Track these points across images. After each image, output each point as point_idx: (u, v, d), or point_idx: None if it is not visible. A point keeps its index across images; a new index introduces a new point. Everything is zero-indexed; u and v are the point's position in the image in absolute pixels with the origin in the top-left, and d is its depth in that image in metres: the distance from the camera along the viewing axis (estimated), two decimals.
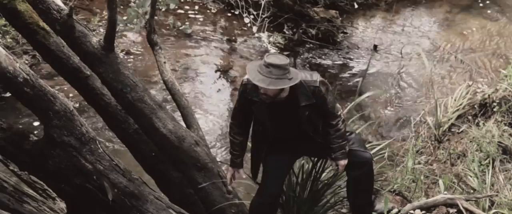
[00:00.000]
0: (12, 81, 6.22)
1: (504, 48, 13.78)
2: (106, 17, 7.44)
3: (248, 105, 6.51)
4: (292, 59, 13.43)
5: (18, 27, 6.80)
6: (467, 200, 7.19)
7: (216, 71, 13.17)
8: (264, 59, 6.05)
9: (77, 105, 10.80)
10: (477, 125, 9.53)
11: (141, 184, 7.34)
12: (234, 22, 14.80)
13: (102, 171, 6.94)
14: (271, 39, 14.17)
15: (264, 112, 6.43)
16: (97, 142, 7.00)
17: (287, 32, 14.41)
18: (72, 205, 7.28)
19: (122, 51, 13.00)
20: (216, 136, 11.16)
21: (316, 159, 7.41)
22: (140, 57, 13.15)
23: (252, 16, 14.71)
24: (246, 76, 6.31)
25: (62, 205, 7.68)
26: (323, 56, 13.77)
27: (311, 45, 14.10)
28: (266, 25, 14.44)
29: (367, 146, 7.68)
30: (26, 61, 11.97)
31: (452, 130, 9.90)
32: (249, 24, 14.60)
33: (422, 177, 8.61)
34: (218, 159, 8.28)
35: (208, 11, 15.09)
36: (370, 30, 14.99)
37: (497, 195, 8.18)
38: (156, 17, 8.26)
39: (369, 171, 6.84)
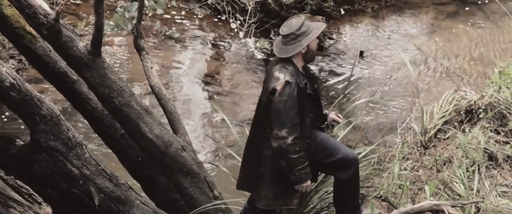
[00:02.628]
0: None
1: (490, 54, 13.82)
2: (92, 22, 7.44)
3: (302, 97, 6.37)
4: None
5: (4, 31, 6.79)
6: (453, 206, 7.22)
7: (203, 76, 13.17)
8: (296, 26, 6.41)
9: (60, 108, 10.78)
10: (463, 131, 9.53)
11: (127, 189, 7.33)
12: (221, 27, 14.81)
13: (88, 175, 6.94)
14: (257, 44, 14.18)
15: (312, 88, 6.51)
16: (84, 146, 6.99)
17: (273, 37, 14.40)
18: (58, 209, 7.26)
19: (109, 56, 12.98)
20: (203, 141, 11.14)
21: None
22: (126, 62, 13.13)
23: (238, 22, 14.72)
24: (281, 80, 6.27)
25: (48, 209, 7.63)
26: None
27: None
28: (253, 30, 14.46)
29: None
30: (13, 66, 11.94)
31: (438, 136, 9.91)
32: (235, 30, 14.61)
33: (408, 183, 8.61)
34: (204, 165, 8.27)
35: (195, 16, 15.08)
36: (357, 36, 15.01)
37: (483, 201, 8.19)
38: (143, 22, 8.25)
39: (356, 172, 6.83)
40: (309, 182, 6.56)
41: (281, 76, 6.28)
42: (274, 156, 6.46)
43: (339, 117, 6.80)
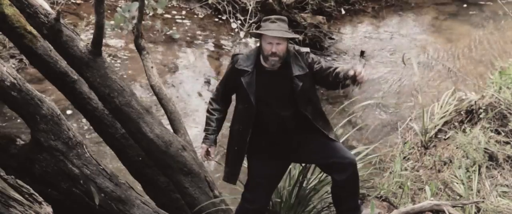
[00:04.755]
0: None
1: (490, 55, 13.81)
2: (93, 21, 7.43)
3: (236, 78, 6.48)
4: None
5: (5, 31, 6.77)
6: (453, 206, 7.21)
7: (203, 76, 13.16)
8: (268, 19, 6.39)
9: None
10: (464, 131, 9.54)
11: (128, 189, 7.33)
12: (222, 27, 14.80)
13: (89, 175, 6.93)
14: (258, 44, 14.15)
15: (253, 84, 6.43)
16: (84, 146, 6.99)
17: None
18: (59, 209, 7.25)
19: (109, 55, 12.98)
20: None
21: (303, 164, 7.41)
22: (127, 62, 13.13)
23: (239, 22, 14.71)
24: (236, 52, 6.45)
25: (49, 209, 7.62)
26: None
27: None
28: (253, 30, 14.44)
29: (352, 151, 7.70)
30: (13, 65, 11.93)
31: (439, 136, 9.92)
32: (236, 30, 14.60)
33: (408, 183, 8.62)
34: (205, 164, 8.27)
35: (195, 16, 15.08)
36: (357, 36, 15.00)
37: (483, 202, 8.20)
38: (143, 22, 8.25)
39: (355, 173, 6.80)
40: (203, 146, 6.76)
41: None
42: None
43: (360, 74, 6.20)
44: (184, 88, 12.72)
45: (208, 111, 6.78)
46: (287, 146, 6.71)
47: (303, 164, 7.43)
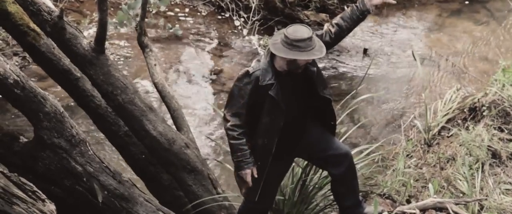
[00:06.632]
0: (2, 83, 6.22)
1: (493, 52, 13.80)
2: (96, 19, 7.43)
3: (263, 95, 6.28)
4: None
5: (8, 28, 6.77)
6: (456, 204, 7.21)
7: (206, 73, 13.17)
8: (296, 37, 6.06)
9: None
10: (467, 128, 9.53)
11: (131, 186, 7.34)
12: (225, 25, 14.80)
13: (92, 173, 6.94)
14: (261, 42, 14.17)
15: (280, 92, 6.28)
16: (87, 143, 7.00)
17: None
18: (62, 206, 7.27)
19: (112, 53, 12.99)
20: (206, 139, 11.15)
21: (306, 162, 7.41)
22: (130, 59, 13.14)
23: (242, 19, 14.72)
24: (247, 68, 6.28)
25: (52, 207, 7.66)
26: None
27: None
28: (257, 28, 14.45)
29: (356, 149, 7.70)
30: (17, 63, 11.95)
31: (442, 133, 9.91)
32: (239, 27, 14.61)
33: (411, 181, 8.62)
34: (208, 162, 8.27)
35: (199, 13, 15.09)
36: (360, 34, 14.98)
37: (486, 199, 8.19)
38: (146, 20, 8.25)
39: (352, 165, 6.79)
40: (247, 171, 6.45)
41: (251, 65, 6.32)
42: None
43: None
44: (187, 86, 12.73)
45: (233, 138, 6.39)
46: (296, 144, 6.72)
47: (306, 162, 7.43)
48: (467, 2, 16.17)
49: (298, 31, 6.12)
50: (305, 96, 6.52)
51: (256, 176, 6.49)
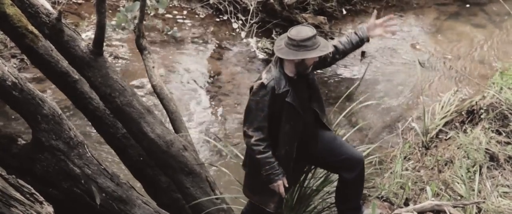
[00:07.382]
0: (0, 85, 6.21)
1: (491, 55, 13.81)
2: (94, 21, 7.43)
3: (281, 103, 6.33)
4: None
5: (6, 30, 6.78)
6: (454, 207, 7.22)
7: (204, 76, 13.17)
8: (301, 37, 6.16)
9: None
10: (465, 131, 9.55)
11: (129, 189, 7.34)
12: (223, 27, 14.80)
13: (90, 175, 6.94)
14: (259, 44, 14.16)
15: (295, 98, 6.34)
16: (86, 146, 7.00)
17: (275, 37, 14.37)
18: (60, 209, 7.26)
19: (110, 55, 12.98)
20: (204, 141, 11.15)
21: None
22: (128, 61, 13.13)
23: (240, 22, 14.71)
24: (260, 81, 6.29)
25: (50, 209, 7.63)
26: None
27: None
28: (255, 30, 14.44)
29: None
30: (15, 65, 11.94)
31: (440, 136, 9.92)
32: (237, 30, 14.60)
33: (409, 183, 8.63)
34: (206, 164, 8.27)
35: (197, 16, 15.08)
36: None
37: (484, 202, 8.20)
38: (144, 22, 8.25)
39: (361, 173, 6.84)
40: (279, 182, 6.51)
41: (263, 77, 6.32)
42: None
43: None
44: (185, 88, 12.72)
45: (260, 152, 6.40)
46: (313, 149, 6.77)
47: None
48: (466, 6, 16.18)
49: (302, 31, 6.21)
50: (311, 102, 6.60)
51: (287, 185, 6.55)
